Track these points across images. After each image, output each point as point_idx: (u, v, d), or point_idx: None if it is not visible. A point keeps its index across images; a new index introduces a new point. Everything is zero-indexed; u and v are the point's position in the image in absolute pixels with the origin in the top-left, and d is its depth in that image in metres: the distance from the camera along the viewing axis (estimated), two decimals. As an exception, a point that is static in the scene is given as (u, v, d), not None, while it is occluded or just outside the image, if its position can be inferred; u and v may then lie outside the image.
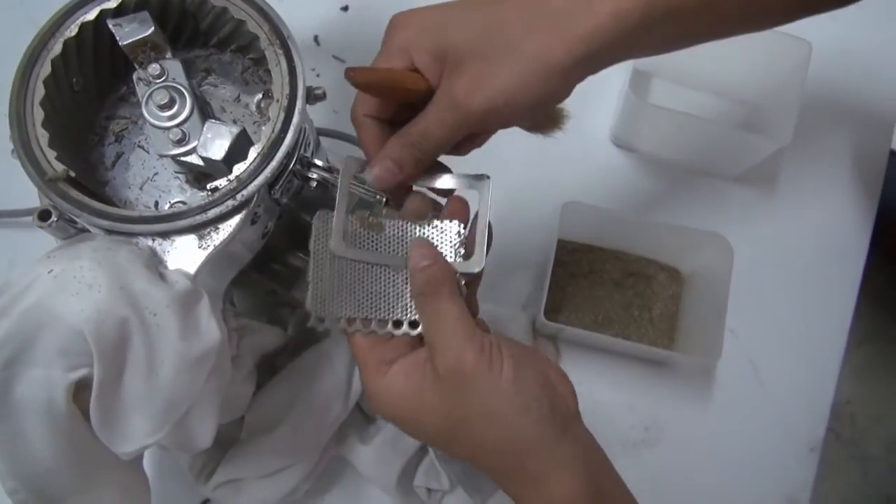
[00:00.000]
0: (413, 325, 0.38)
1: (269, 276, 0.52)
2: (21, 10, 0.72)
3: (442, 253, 0.39)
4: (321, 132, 0.60)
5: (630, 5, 0.35)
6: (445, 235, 0.40)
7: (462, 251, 0.40)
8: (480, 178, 0.42)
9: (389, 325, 0.38)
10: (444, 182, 0.42)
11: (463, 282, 0.39)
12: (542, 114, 0.43)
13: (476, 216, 0.41)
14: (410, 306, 0.39)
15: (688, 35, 0.41)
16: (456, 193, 0.42)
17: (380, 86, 0.38)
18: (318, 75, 0.71)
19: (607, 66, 0.38)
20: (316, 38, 0.72)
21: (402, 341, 0.38)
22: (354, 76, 0.37)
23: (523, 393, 0.34)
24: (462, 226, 0.40)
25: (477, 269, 0.39)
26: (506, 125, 0.40)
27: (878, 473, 0.98)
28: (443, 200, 0.43)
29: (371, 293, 0.39)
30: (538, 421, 0.34)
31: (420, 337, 0.38)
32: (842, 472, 0.99)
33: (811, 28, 0.62)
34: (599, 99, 0.70)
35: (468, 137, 0.40)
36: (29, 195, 0.40)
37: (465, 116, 0.37)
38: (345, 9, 0.73)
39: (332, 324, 0.38)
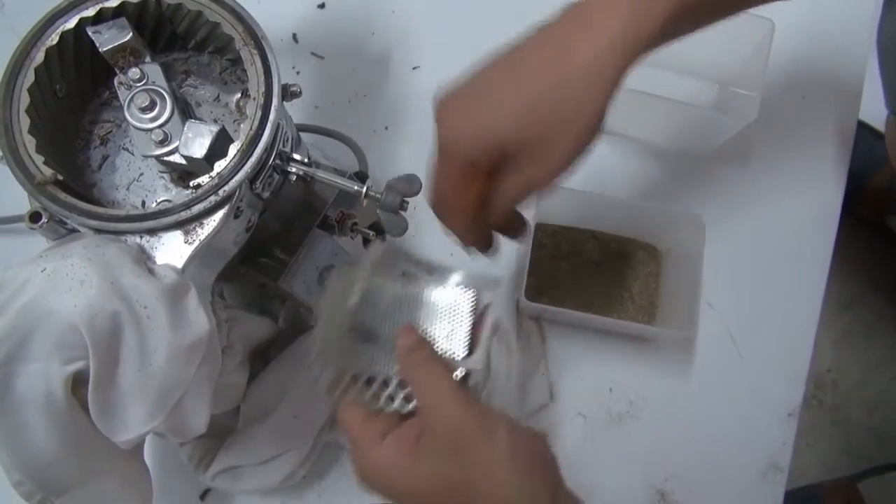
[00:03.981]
0: (408, 399, 0.40)
1: (257, 270, 0.53)
2: (2, 20, 0.73)
3: (459, 318, 0.42)
4: (301, 128, 0.61)
5: (647, 31, 0.38)
6: (461, 303, 0.43)
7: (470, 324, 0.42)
8: (495, 282, 0.44)
9: (383, 399, 0.40)
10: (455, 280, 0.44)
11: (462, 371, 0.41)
12: None
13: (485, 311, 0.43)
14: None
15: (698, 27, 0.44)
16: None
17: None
18: (297, 72, 0.72)
19: None
20: (294, 36, 0.73)
21: (392, 415, 0.40)
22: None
23: (519, 459, 0.36)
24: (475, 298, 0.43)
25: (478, 367, 0.41)
26: None
27: (859, 436, 1.01)
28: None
29: (375, 353, 0.41)
30: (533, 487, 0.36)
31: (409, 413, 0.40)
32: (825, 436, 1.01)
33: (773, 6, 0.64)
34: (573, 84, 0.71)
35: None
36: (21, 202, 0.41)
37: (541, 189, 0.41)
38: (321, 6, 0.74)
39: (333, 386, 0.40)
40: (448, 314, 0.42)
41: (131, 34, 0.43)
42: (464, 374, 0.41)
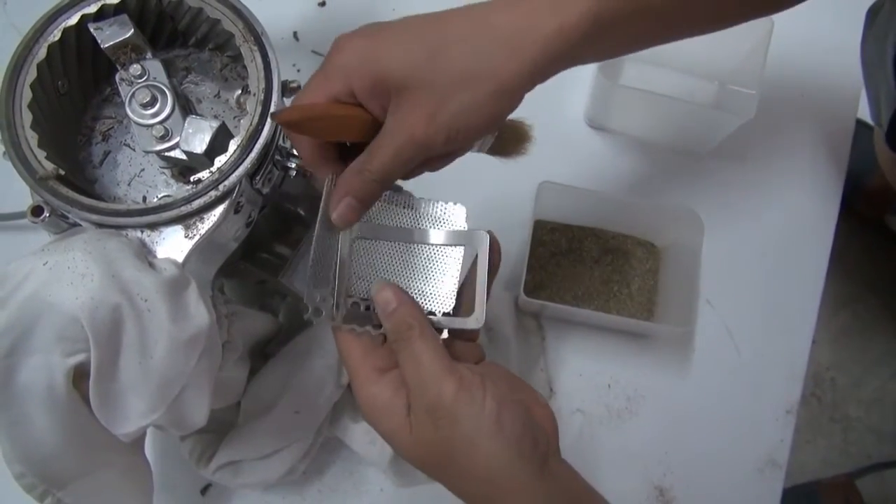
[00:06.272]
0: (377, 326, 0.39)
1: (257, 265, 0.54)
2: (3, 17, 0.73)
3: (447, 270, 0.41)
4: (302, 125, 0.62)
5: (575, 20, 0.36)
6: (452, 216, 0.42)
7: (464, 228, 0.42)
8: (478, 234, 0.42)
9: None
10: (436, 238, 0.42)
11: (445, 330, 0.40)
12: (508, 134, 0.43)
13: (472, 270, 0.42)
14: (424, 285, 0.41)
15: (634, 42, 0.42)
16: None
17: (318, 123, 0.37)
18: (298, 70, 0.72)
19: (556, 73, 0.38)
20: (295, 34, 0.74)
21: (392, 351, 0.39)
22: (283, 117, 0.35)
23: (506, 430, 0.35)
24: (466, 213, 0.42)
25: (477, 326, 0.41)
26: (463, 150, 0.40)
27: (858, 434, 1.01)
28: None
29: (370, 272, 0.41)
30: (520, 458, 0.35)
31: None
32: (824, 434, 1.01)
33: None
34: (573, 82, 0.72)
35: (423, 163, 0.40)
36: (23, 199, 0.42)
37: (423, 148, 0.37)
38: (322, 4, 0.75)
39: (328, 319, 0.38)
40: (437, 265, 0.41)
41: (132, 31, 0.43)
42: (450, 327, 0.40)
